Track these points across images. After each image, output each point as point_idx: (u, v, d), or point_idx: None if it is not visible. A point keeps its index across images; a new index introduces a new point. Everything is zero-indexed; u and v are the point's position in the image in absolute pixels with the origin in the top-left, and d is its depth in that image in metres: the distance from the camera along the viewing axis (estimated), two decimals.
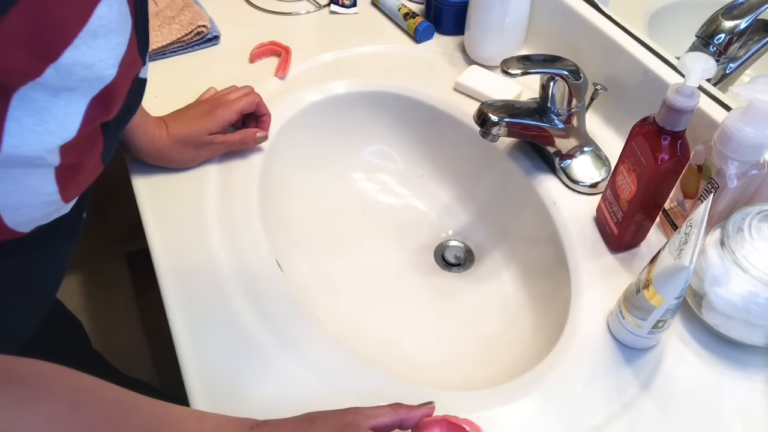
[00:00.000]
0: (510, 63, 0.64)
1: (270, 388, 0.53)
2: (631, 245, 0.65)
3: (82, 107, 0.38)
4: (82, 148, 0.42)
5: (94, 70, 0.37)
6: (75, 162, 0.42)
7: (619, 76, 0.73)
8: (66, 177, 0.43)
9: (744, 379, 0.56)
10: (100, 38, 0.36)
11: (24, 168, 0.39)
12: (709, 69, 0.52)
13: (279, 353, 0.56)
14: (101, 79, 0.38)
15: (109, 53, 0.37)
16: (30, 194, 0.41)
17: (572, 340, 0.58)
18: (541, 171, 0.72)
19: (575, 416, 0.53)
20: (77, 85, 0.37)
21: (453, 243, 0.80)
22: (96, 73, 0.37)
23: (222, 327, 0.57)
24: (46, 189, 0.42)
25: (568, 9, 0.78)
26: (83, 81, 0.37)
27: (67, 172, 0.43)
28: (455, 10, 0.88)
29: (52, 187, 0.42)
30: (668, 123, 0.55)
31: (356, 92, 0.83)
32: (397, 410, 0.48)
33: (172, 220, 0.66)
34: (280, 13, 0.93)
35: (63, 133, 0.38)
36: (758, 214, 0.55)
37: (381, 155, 0.86)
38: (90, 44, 0.35)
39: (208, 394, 0.53)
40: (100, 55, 0.36)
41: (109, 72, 0.38)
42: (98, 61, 0.36)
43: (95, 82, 0.38)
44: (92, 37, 0.35)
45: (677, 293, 0.50)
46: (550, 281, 0.67)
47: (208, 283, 0.60)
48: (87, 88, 0.38)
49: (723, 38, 0.70)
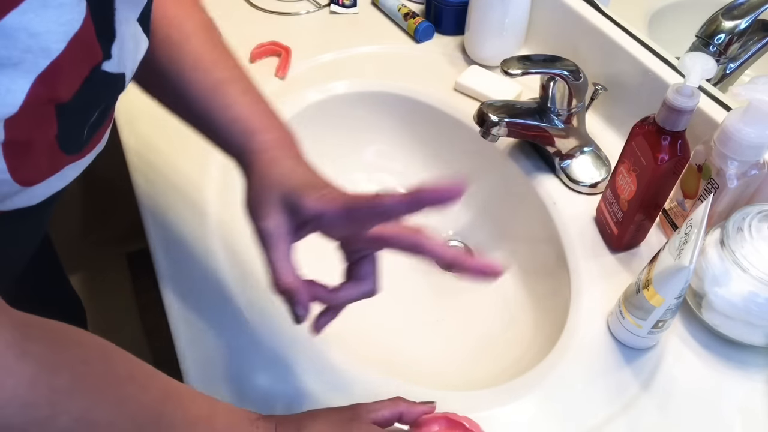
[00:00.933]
0: (510, 63, 0.64)
1: (270, 388, 0.53)
2: (631, 245, 0.65)
3: (26, 84, 0.37)
4: (30, 126, 0.41)
5: (40, 40, 0.36)
6: (23, 139, 0.41)
7: (619, 76, 0.73)
8: (14, 154, 0.42)
9: (744, 379, 0.56)
10: (51, 9, 0.35)
11: None
12: (709, 69, 0.52)
13: (279, 353, 0.56)
14: (47, 52, 0.37)
15: (58, 27, 0.36)
16: None
17: (572, 340, 0.58)
18: (541, 171, 0.72)
19: (575, 416, 0.53)
20: (21, 59, 0.36)
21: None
22: (42, 43, 0.36)
23: (222, 327, 0.57)
24: None
25: (568, 9, 0.78)
26: (28, 53, 0.36)
27: (16, 149, 0.41)
28: (455, 10, 0.88)
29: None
30: (668, 123, 0.55)
31: (356, 92, 0.83)
32: (397, 403, 0.49)
33: (172, 220, 0.66)
34: (280, 13, 0.93)
35: (4, 108, 0.37)
36: (758, 214, 0.55)
37: (381, 155, 0.86)
38: (38, 12, 0.35)
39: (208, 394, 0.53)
40: (48, 27, 0.35)
41: (56, 46, 0.37)
42: (45, 31, 0.35)
43: (40, 55, 0.37)
44: (42, 6, 0.34)
45: (677, 293, 0.50)
46: (550, 281, 0.67)
47: (208, 283, 0.60)
48: (32, 64, 0.37)
49: (723, 38, 0.70)
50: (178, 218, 0.66)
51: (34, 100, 0.38)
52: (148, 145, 0.73)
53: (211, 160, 0.71)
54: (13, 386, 0.30)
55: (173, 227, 0.65)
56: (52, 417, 0.32)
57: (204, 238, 0.64)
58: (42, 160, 0.45)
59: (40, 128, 0.42)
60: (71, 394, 0.33)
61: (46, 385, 0.31)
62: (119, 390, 0.36)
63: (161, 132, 0.75)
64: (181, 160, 0.71)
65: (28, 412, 0.31)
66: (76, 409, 0.33)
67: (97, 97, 0.47)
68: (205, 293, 0.60)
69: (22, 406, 0.30)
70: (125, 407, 0.36)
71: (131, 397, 0.37)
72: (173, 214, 0.66)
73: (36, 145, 0.43)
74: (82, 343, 0.35)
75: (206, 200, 0.68)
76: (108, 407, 0.35)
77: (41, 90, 0.38)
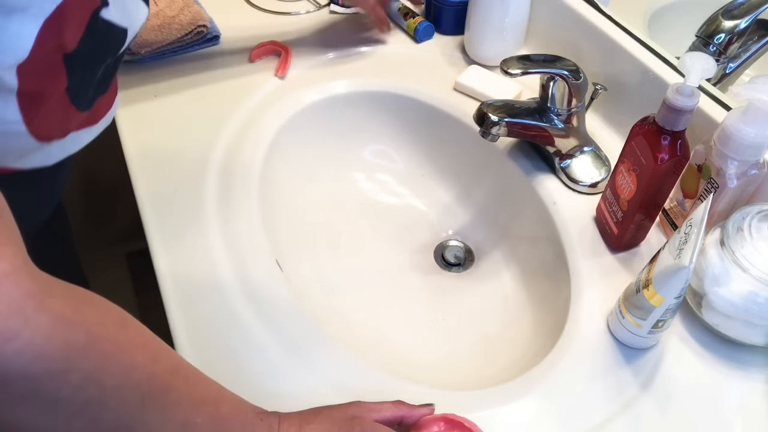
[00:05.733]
0: (510, 63, 0.64)
1: (270, 388, 0.53)
2: (631, 245, 0.65)
3: (34, 29, 0.40)
4: (41, 76, 0.43)
5: None
6: (36, 90, 0.44)
7: (619, 76, 0.73)
8: (29, 105, 0.44)
9: (744, 379, 0.56)
10: None
11: None
12: (709, 69, 0.52)
13: (279, 353, 0.56)
14: None
15: None
16: None
17: (572, 340, 0.58)
18: (541, 171, 0.72)
19: (575, 416, 0.53)
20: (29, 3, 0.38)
21: (453, 243, 0.80)
22: None
23: (222, 327, 0.57)
24: (10, 116, 0.44)
25: (568, 9, 0.78)
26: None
27: (30, 101, 0.44)
28: (455, 10, 0.88)
29: (15, 115, 0.44)
30: (668, 123, 0.55)
31: (356, 92, 0.83)
32: (399, 407, 0.49)
33: (172, 220, 0.66)
34: (280, 13, 0.93)
35: (15, 53, 0.39)
36: (758, 213, 0.55)
37: (381, 155, 0.86)
38: None
39: None
40: None
41: None
42: None
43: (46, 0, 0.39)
44: None
45: (677, 293, 0.50)
46: (550, 281, 0.67)
47: (208, 284, 0.60)
48: (39, 8, 0.39)
49: (723, 38, 0.70)
50: (178, 218, 0.66)
51: (42, 45, 0.40)
52: (148, 145, 0.73)
53: (211, 161, 0.71)
54: (30, 335, 0.31)
55: (173, 227, 0.65)
56: (64, 372, 0.32)
57: (204, 238, 0.64)
58: (55, 115, 0.47)
59: (51, 79, 0.44)
60: (85, 352, 0.33)
61: (61, 339, 0.32)
62: (131, 357, 0.36)
63: (161, 132, 0.75)
64: (181, 161, 0.71)
65: (42, 362, 0.31)
66: (87, 368, 0.33)
67: (101, 47, 0.49)
68: (205, 293, 0.60)
69: (37, 355, 0.31)
70: (134, 374, 0.36)
71: (141, 366, 0.37)
72: (173, 214, 0.66)
73: (48, 96, 0.45)
74: (100, 307, 0.36)
75: (206, 200, 0.67)
76: (118, 371, 0.35)
77: (48, 35, 0.40)
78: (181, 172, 0.70)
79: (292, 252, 0.72)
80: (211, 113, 0.77)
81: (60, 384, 0.32)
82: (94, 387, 0.34)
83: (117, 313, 0.37)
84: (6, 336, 0.30)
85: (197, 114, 0.77)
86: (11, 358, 0.30)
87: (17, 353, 0.30)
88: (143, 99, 0.78)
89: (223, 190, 0.69)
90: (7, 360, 0.30)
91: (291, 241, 0.74)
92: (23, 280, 0.31)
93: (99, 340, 0.34)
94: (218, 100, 0.79)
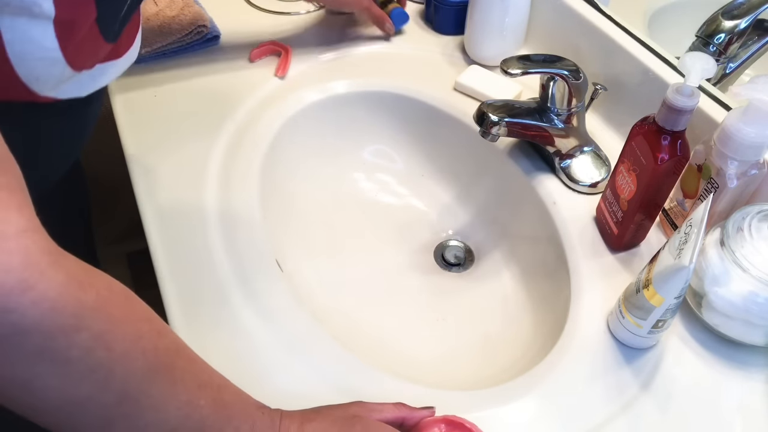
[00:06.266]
0: (510, 63, 0.64)
1: (270, 388, 0.53)
2: (631, 245, 0.65)
3: None
4: (73, 5, 0.47)
5: None
6: (70, 18, 0.47)
7: (619, 76, 0.73)
8: (64, 33, 0.48)
9: (744, 379, 0.56)
10: None
11: (27, 18, 0.45)
12: (709, 69, 0.52)
13: (279, 353, 0.56)
14: None
15: None
16: (34, 46, 0.47)
17: (572, 340, 0.58)
18: (541, 171, 0.72)
19: (575, 416, 0.53)
20: None
21: (453, 243, 0.80)
22: None
23: (222, 327, 0.57)
24: (48, 43, 0.47)
25: (568, 9, 0.78)
26: None
27: (65, 29, 0.47)
28: (455, 10, 0.88)
29: (53, 42, 0.47)
30: (668, 123, 0.55)
31: (356, 92, 0.83)
32: (400, 408, 0.49)
33: (172, 220, 0.66)
34: (280, 13, 0.93)
35: None
36: (758, 213, 0.55)
37: (381, 155, 0.86)
38: None
39: None
40: None
41: None
42: None
43: None
44: None
45: (677, 293, 0.50)
46: (550, 281, 0.67)
47: (208, 283, 0.60)
48: None
49: (723, 38, 0.70)
50: (178, 218, 0.66)
51: None
52: (148, 145, 0.73)
53: (211, 160, 0.71)
54: (44, 289, 0.31)
55: (173, 227, 0.65)
56: (75, 329, 0.33)
57: (204, 237, 0.64)
58: (86, 44, 0.51)
59: (82, 8, 0.48)
60: (95, 311, 0.34)
61: (73, 296, 0.33)
62: (137, 326, 0.37)
63: (161, 132, 0.75)
64: (181, 160, 0.71)
65: (54, 317, 0.32)
66: (96, 328, 0.34)
67: None
68: (205, 293, 0.60)
69: (50, 309, 0.31)
70: (140, 343, 0.37)
71: (147, 337, 0.37)
72: (173, 214, 0.66)
73: (80, 25, 0.49)
74: (109, 278, 0.37)
75: (206, 200, 0.67)
76: (125, 337, 0.36)
77: None
78: (181, 172, 0.70)
79: (292, 252, 0.72)
80: (211, 113, 0.77)
81: (70, 342, 0.33)
82: (102, 349, 0.34)
83: (123, 287, 0.38)
84: (23, 286, 0.30)
85: (197, 114, 0.77)
86: (28, 308, 0.31)
87: (33, 304, 0.31)
88: (143, 99, 0.78)
89: (224, 190, 0.69)
90: (24, 310, 0.30)
91: (291, 240, 0.74)
92: (40, 238, 0.32)
93: (108, 303, 0.35)
94: (218, 100, 0.79)
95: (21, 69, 0.48)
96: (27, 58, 0.48)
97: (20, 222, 0.31)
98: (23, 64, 0.48)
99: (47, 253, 0.32)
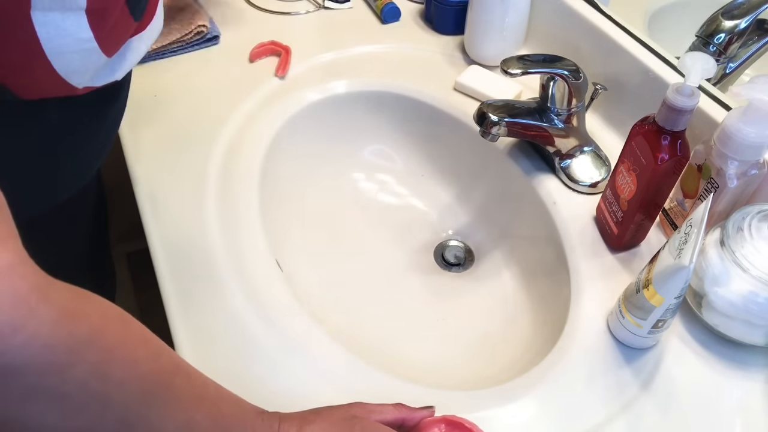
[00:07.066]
0: (510, 63, 0.64)
1: (270, 388, 0.53)
2: (631, 245, 0.65)
3: None
4: None
5: None
6: (101, 6, 0.47)
7: (619, 76, 0.73)
8: (98, 23, 0.48)
9: (744, 379, 0.56)
10: None
11: (59, 12, 0.45)
12: (709, 69, 0.52)
13: (279, 353, 0.56)
14: None
15: None
16: (69, 39, 0.47)
17: (572, 340, 0.58)
18: (541, 171, 0.72)
19: (575, 416, 0.53)
20: None
21: (453, 243, 0.80)
22: None
23: (222, 327, 0.57)
24: (83, 34, 0.47)
25: (568, 9, 0.78)
26: None
27: (98, 18, 0.47)
28: (455, 10, 0.88)
29: (88, 33, 0.47)
30: (668, 123, 0.55)
31: (356, 92, 0.83)
32: (400, 409, 0.49)
33: (172, 220, 0.66)
34: (280, 13, 0.93)
35: None
36: (758, 213, 0.55)
37: (381, 155, 0.86)
38: None
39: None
40: None
41: None
42: None
43: None
44: None
45: (677, 293, 0.50)
46: (550, 281, 0.67)
47: (208, 283, 0.60)
48: None
49: (723, 38, 0.70)
50: (178, 218, 0.66)
51: None
52: (148, 145, 0.73)
53: (212, 161, 0.71)
54: (35, 326, 0.30)
55: (173, 227, 0.65)
56: (69, 365, 0.32)
57: (204, 238, 0.64)
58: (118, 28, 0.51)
59: None
60: (89, 344, 0.33)
61: (66, 330, 0.32)
62: (133, 351, 0.36)
63: (161, 132, 0.75)
64: (181, 160, 0.71)
65: (47, 355, 0.31)
66: (91, 359, 0.33)
67: None
68: (205, 293, 0.60)
69: (43, 347, 0.31)
70: (137, 368, 0.36)
71: (143, 361, 0.37)
72: (173, 214, 0.66)
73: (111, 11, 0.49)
74: (101, 304, 0.36)
75: (206, 200, 0.67)
76: (121, 365, 0.35)
77: None
78: (182, 172, 0.70)
79: (292, 252, 0.73)
80: (211, 113, 0.77)
81: (64, 377, 0.32)
82: (98, 381, 0.34)
83: (117, 310, 0.37)
84: (13, 327, 0.29)
85: (197, 114, 0.77)
86: (18, 350, 0.30)
87: (24, 345, 0.30)
88: (143, 99, 0.78)
89: (224, 190, 0.69)
90: (15, 351, 0.30)
91: (291, 240, 0.74)
92: (29, 272, 0.31)
93: (102, 334, 0.34)
94: (218, 100, 0.79)
95: (58, 64, 0.48)
96: (64, 52, 0.47)
97: (6, 257, 0.30)
98: (60, 59, 0.48)
99: (36, 289, 0.31)
